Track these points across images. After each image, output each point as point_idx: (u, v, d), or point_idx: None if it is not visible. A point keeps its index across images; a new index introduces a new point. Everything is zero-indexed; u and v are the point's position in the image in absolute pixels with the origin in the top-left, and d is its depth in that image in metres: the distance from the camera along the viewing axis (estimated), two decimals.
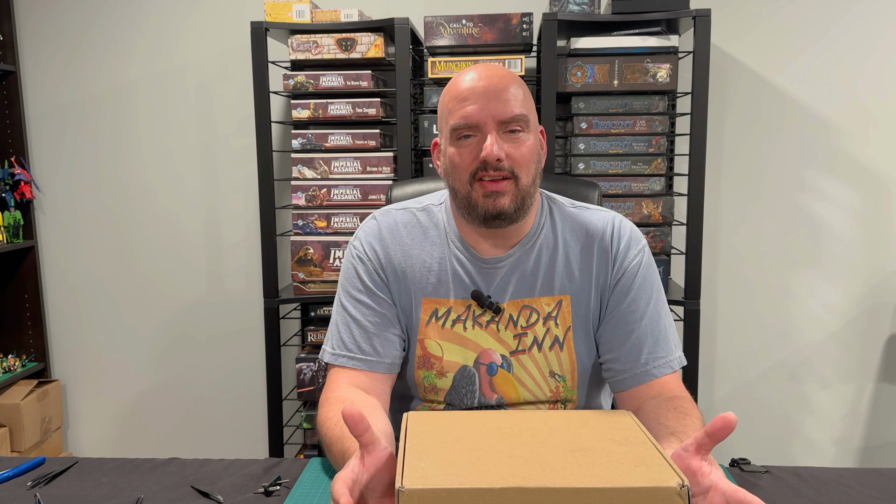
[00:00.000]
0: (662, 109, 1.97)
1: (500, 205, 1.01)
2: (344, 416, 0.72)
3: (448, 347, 1.09)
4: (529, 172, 1.03)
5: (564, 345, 1.09)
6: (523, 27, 1.95)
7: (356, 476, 0.73)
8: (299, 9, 1.98)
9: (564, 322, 1.09)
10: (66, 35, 2.36)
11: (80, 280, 2.48)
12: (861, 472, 1.00)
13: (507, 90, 1.01)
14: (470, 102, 1.00)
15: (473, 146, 1.01)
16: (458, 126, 1.01)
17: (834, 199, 2.23)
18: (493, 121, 1.00)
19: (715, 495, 0.71)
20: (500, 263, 1.09)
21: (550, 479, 0.68)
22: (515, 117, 1.00)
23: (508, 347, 1.09)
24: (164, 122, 2.38)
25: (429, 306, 1.10)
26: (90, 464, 1.04)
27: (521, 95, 1.02)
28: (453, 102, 1.02)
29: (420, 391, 1.13)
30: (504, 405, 1.10)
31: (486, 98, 1.00)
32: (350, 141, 2.03)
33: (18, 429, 2.29)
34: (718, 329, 2.32)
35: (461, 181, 1.03)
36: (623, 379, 1.07)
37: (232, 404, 2.49)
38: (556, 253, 1.10)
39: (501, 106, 0.99)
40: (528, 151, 1.02)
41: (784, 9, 2.16)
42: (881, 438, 2.33)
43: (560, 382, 1.10)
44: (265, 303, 2.05)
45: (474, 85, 1.01)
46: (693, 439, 0.75)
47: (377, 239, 1.13)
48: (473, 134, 1.01)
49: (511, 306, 1.09)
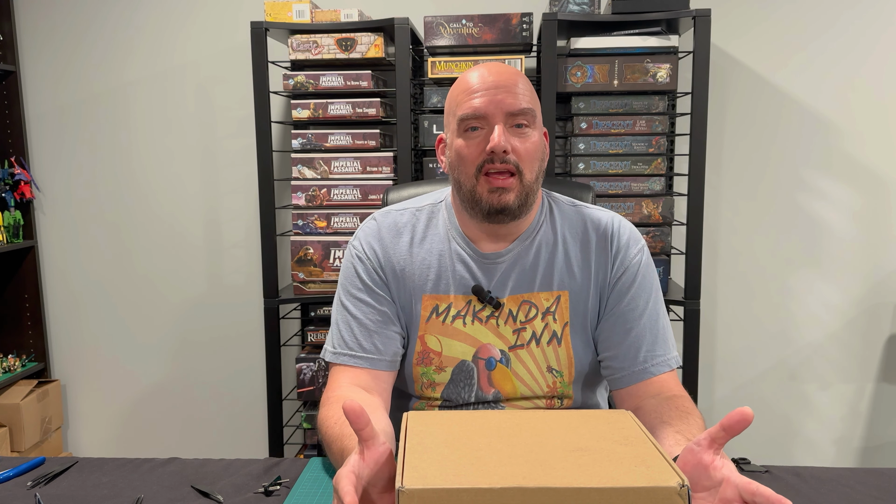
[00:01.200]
0: (662, 109, 1.97)
1: (505, 200, 1.02)
2: (345, 409, 0.72)
3: (447, 343, 1.10)
4: (533, 169, 1.04)
5: (562, 340, 1.10)
6: (523, 27, 1.95)
7: (357, 471, 0.73)
8: (299, 9, 1.98)
9: (562, 317, 1.10)
10: (66, 35, 2.36)
11: (80, 280, 2.48)
12: (861, 471, 1.00)
13: (516, 85, 1.03)
14: (479, 95, 1.02)
15: (481, 139, 1.02)
16: (466, 116, 1.02)
17: (834, 198, 2.23)
18: (501, 112, 1.01)
19: (727, 488, 0.70)
20: (501, 258, 1.10)
21: (550, 479, 0.68)
22: (523, 110, 1.02)
23: (507, 342, 1.10)
24: (165, 121, 2.38)
25: (429, 303, 1.11)
26: (90, 464, 1.04)
27: (528, 92, 1.05)
28: (462, 95, 1.04)
29: (417, 387, 1.13)
30: (501, 399, 1.11)
31: (495, 90, 1.02)
32: (350, 141, 2.03)
33: (18, 429, 2.29)
34: (718, 329, 2.32)
35: (467, 174, 1.04)
36: (621, 377, 1.08)
37: (232, 404, 2.49)
38: (555, 249, 1.11)
39: (510, 98, 1.01)
40: (532, 147, 1.03)
41: (784, 9, 2.16)
42: (881, 438, 2.33)
43: (557, 378, 1.10)
44: (265, 303, 2.05)
45: (484, 79, 1.03)
46: (706, 433, 0.74)
47: (376, 239, 1.13)
48: (481, 126, 1.03)
49: (511, 301, 1.10)
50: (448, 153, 1.08)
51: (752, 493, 0.68)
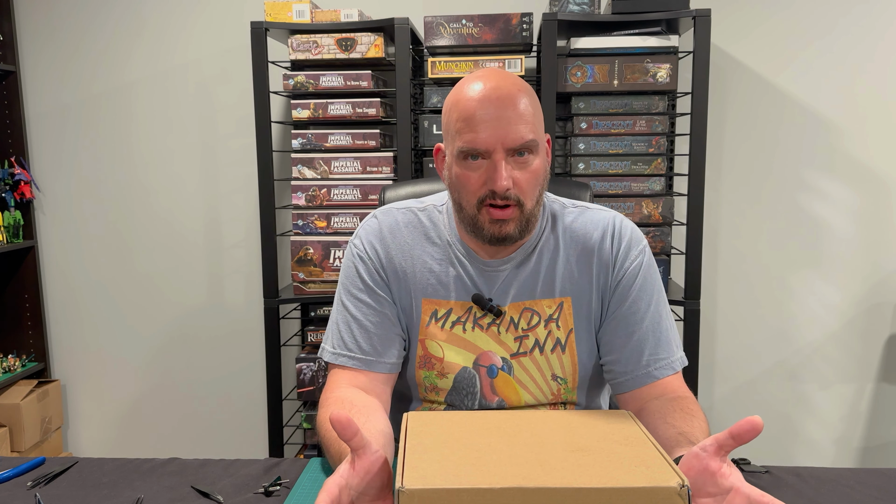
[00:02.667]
0: (662, 109, 1.97)
1: (506, 231, 1.01)
2: (332, 420, 0.71)
3: (449, 348, 1.09)
4: (534, 196, 1.02)
5: (567, 347, 1.09)
6: (523, 27, 1.95)
7: (345, 481, 0.73)
8: (299, 9, 1.98)
9: (566, 324, 1.09)
10: (66, 35, 2.36)
11: (80, 280, 2.48)
12: (861, 471, 1.00)
13: (517, 110, 0.97)
14: (478, 127, 0.97)
15: (482, 171, 0.99)
16: (465, 150, 0.99)
17: (834, 198, 2.23)
18: (501, 148, 0.97)
19: (737, 497, 0.70)
20: (502, 266, 1.09)
21: (550, 479, 0.68)
22: (525, 144, 0.98)
23: (509, 350, 1.09)
24: (165, 121, 2.38)
25: (429, 307, 1.10)
26: (90, 464, 1.04)
27: (530, 114, 0.99)
28: (460, 123, 0.99)
29: (420, 391, 1.12)
30: (505, 408, 1.10)
31: (496, 123, 0.96)
32: (350, 141, 2.03)
33: (18, 429, 2.29)
34: (718, 329, 2.32)
35: (469, 203, 1.02)
36: (625, 381, 1.07)
37: (232, 404, 2.49)
38: (556, 256, 1.10)
39: (512, 134, 0.97)
40: (533, 176, 1.00)
41: (784, 9, 2.16)
42: (881, 438, 2.33)
43: (562, 385, 1.10)
44: (265, 303, 2.05)
45: (483, 106, 0.97)
46: (713, 439, 0.73)
47: (378, 238, 1.12)
48: (482, 156, 0.99)
49: (512, 309, 1.09)
50: (447, 172, 1.05)
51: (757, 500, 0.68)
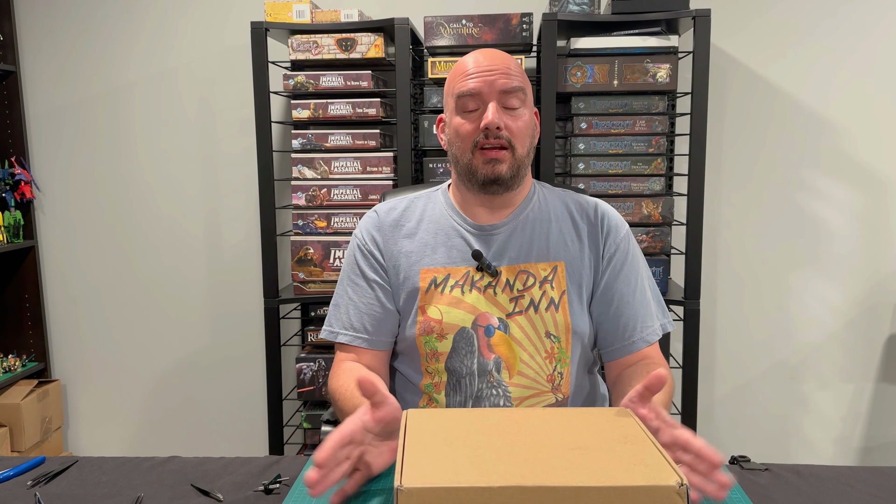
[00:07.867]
0: (662, 109, 1.97)
1: (499, 171, 1.12)
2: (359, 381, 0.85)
3: (447, 311, 1.16)
4: (525, 144, 1.14)
5: (560, 306, 1.16)
6: (523, 27, 1.95)
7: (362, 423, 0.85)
8: (299, 9, 1.98)
9: (560, 285, 1.16)
10: (65, 35, 2.36)
11: (80, 280, 2.48)
12: (861, 470, 1.00)
13: (509, 67, 1.13)
14: (474, 76, 1.12)
15: (476, 117, 1.12)
16: (462, 94, 1.12)
17: (834, 198, 2.23)
18: (494, 91, 1.11)
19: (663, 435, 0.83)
20: (497, 230, 1.18)
21: (550, 478, 0.68)
22: (515, 88, 1.12)
23: (504, 310, 1.15)
24: (165, 122, 2.38)
25: (427, 275, 1.18)
26: (90, 463, 1.05)
27: (520, 73, 1.15)
28: (459, 77, 1.14)
29: (422, 361, 1.18)
30: (501, 364, 1.15)
31: (489, 72, 1.12)
32: (350, 141, 2.03)
33: (18, 429, 2.29)
34: (718, 329, 2.32)
35: (464, 149, 1.14)
36: (611, 350, 1.19)
37: (232, 404, 2.49)
38: (549, 224, 1.20)
39: (503, 79, 1.12)
40: (524, 125, 1.13)
41: (784, 10, 2.16)
42: (881, 438, 2.33)
43: (555, 343, 1.16)
44: (265, 303, 2.05)
45: (479, 62, 1.14)
46: (635, 391, 0.88)
47: (377, 229, 1.23)
48: (477, 107, 1.13)
49: (508, 271, 1.17)
50: (447, 131, 1.18)
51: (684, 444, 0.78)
